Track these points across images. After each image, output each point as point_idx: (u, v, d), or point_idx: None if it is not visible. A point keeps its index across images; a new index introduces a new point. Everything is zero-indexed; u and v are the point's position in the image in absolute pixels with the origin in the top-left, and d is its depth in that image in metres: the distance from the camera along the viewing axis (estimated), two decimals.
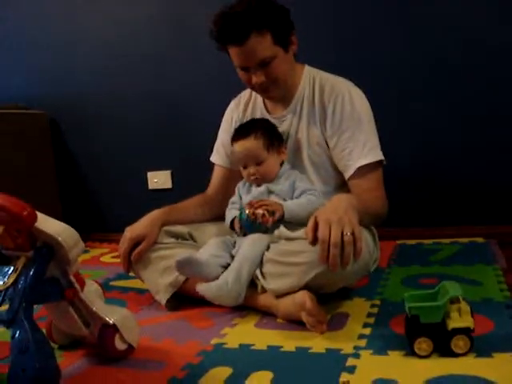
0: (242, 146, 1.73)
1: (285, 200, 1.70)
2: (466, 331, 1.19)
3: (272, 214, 1.61)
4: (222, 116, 2.04)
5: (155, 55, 2.88)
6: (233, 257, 1.65)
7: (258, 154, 1.71)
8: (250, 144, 1.71)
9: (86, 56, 3.02)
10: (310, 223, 1.38)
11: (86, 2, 2.98)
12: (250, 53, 1.64)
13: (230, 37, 1.65)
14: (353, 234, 1.33)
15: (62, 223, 1.22)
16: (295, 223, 1.63)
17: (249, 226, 1.64)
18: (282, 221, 1.64)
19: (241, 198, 1.81)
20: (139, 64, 2.91)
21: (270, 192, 1.73)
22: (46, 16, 3.08)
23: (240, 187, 1.83)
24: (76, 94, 3.07)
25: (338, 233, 1.32)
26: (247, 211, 1.62)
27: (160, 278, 1.72)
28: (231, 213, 1.78)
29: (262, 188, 1.74)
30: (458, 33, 2.34)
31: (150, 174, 2.98)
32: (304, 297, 1.44)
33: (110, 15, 2.95)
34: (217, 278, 1.60)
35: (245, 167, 1.76)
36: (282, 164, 1.78)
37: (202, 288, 1.59)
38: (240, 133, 1.76)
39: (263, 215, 1.61)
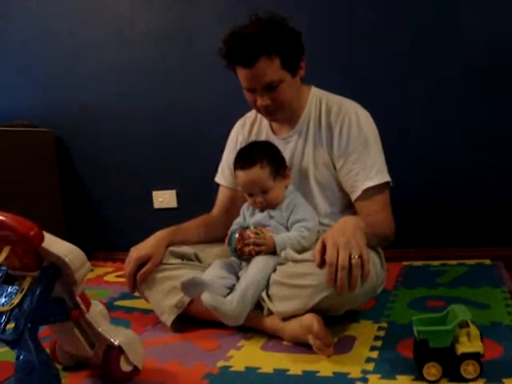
0: (247, 175, 1.69)
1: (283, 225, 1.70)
2: (475, 356, 1.18)
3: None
4: (228, 135, 2.03)
5: (160, 74, 2.89)
6: (238, 278, 1.64)
7: (264, 184, 1.68)
8: (256, 174, 1.68)
9: (91, 74, 3.03)
10: (318, 246, 1.37)
11: (91, 19, 3.01)
12: (257, 75, 1.64)
13: (238, 58, 1.65)
14: (360, 256, 1.33)
15: (69, 244, 1.22)
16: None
17: (233, 252, 1.69)
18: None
19: (245, 219, 1.80)
20: (145, 83, 2.93)
21: (270, 217, 1.71)
22: (51, 33, 3.10)
23: (245, 209, 1.82)
24: (81, 112, 3.07)
25: (345, 256, 1.31)
26: (236, 244, 1.65)
27: (165, 299, 1.71)
28: None
29: (264, 213, 1.72)
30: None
31: (155, 194, 2.98)
32: (311, 320, 1.42)
33: (116, 33, 2.96)
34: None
35: (250, 195, 1.74)
36: (287, 187, 1.76)
37: (207, 297, 1.56)
38: (244, 160, 1.71)
39: (249, 253, 1.63)
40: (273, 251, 1.63)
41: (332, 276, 1.32)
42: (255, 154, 1.71)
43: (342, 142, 1.73)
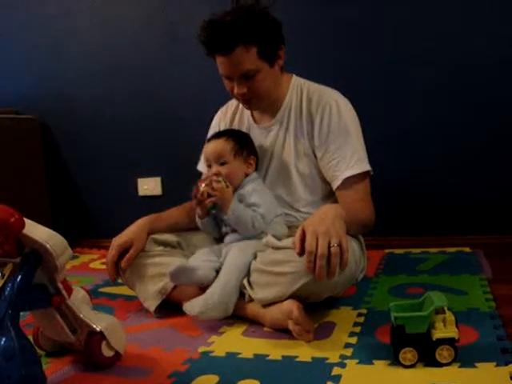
0: (212, 145, 1.75)
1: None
2: (450, 341, 1.20)
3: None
4: (211, 121, 2.04)
5: (146, 62, 2.89)
6: (221, 263, 1.65)
7: (222, 155, 1.72)
8: (219, 144, 1.74)
9: (76, 61, 3.02)
10: (298, 233, 1.39)
11: (76, 4, 2.99)
12: (234, 64, 1.65)
13: (216, 46, 1.66)
14: (340, 245, 1.34)
15: (50, 230, 1.22)
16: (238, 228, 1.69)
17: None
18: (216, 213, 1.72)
19: None
20: (130, 71, 2.93)
21: (239, 199, 1.73)
22: (35, 18, 3.09)
23: None
24: (67, 100, 3.07)
25: (324, 244, 1.33)
26: (194, 191, 1.69)
27: (149, 285, 1.72)
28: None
29: (235, 195, 1.74)
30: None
31: (140, 181, 2.99)
32: (291, 305, 1.45)
33: (101, 20, 2.96)
34: (210, 281, 1.60)
35: (209, 166, 1.77)
36: (247, 175, 1.77)
37: (187, 307, 1.57)
38: (214, 135, 1.79)
39: (202, 194, 1.67)
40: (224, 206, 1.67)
41: (311, 264, 1.34)
42: (226, 131, 1.79)
43: (323, 132, 1.75)
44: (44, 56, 3.09)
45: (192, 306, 1.57)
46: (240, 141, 1.75)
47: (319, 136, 1.75)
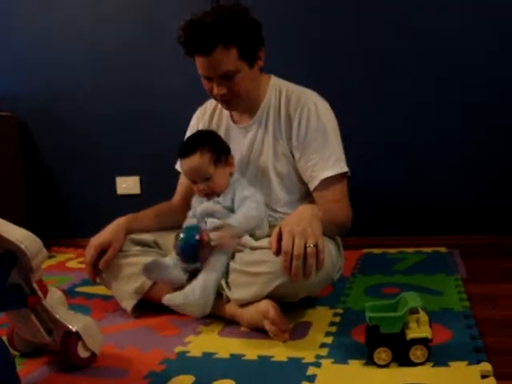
0: (188, 163, 1.71)
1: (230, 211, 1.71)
2: (423, 341, 1.22)
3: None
4: (189, 120, 2.03)
5: (124, 58, 2.88)
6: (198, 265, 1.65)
7: (204, 171, 1.69)
8: (197, 161, 1.69)
9: (55, 58, 2.99)
10: (274, 234, 1.40)
11: (54, 1, 2.96)
12: (213, 64, 1.64)
13: (195, 46, 1.65)
14: (316, 245, 1.35)
15: (25, 230, 1.21)
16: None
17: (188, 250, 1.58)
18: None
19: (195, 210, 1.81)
20: (110, 68, 2.91)
21: (216, 203, 1.72)
22: (13, 14, 3.04)
23: (194, 200, 1.82)
24: (45, 97, 3.04)
25: (301, 244, 1.34)
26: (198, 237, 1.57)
27: (125, 285, 1.72)
28: None
29: (210, 201, 1.73)
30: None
31: (118, 179, 2.97)
32: (267, 306, 1.46)
33: (83, 15, 2.92)
34: (181, 282, 1.61)
35: (194, 182, 1.75)
36: (231, 175, 1.77)
37: (168, 297, 1.58)
38: (186, 149, 1.72)
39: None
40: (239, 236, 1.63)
41: (287, 264, 1.34)
42: (196, 142, 1.73)
43: (301, 133, 1.75)
44: (21, 52, 3.05)
45: (173, 298, 1.57)
46: (214, 147, 1.72)
47: (297, 137, 1.76)
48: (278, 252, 1.37)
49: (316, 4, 2.55)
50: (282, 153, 1.80)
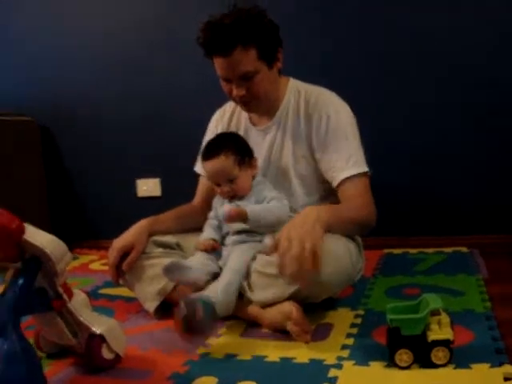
0: (212, 165, 1.70)
1: None
2: (445, 343, 1.22)
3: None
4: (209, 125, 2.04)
5: (145, 64, 2.90)
6: (220, 267, 1.67)
7: (229, 173, 1.69)
8: (221, 163, 1.68)
9: (75, 63, 3.03)
10: (277, 236, 1.40)
11: (76, 6, 2.99)
12: (233, 65, 1.65)
13: (214, 47, 1.66)
14: (313, 249, 1.33)
15: (50, 235, 1.23)
16: (264, 227, 1.65)
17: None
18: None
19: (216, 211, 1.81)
20: (129, 72, 2.94)
21: (237, 206, 1.70)
22: (35, 20, 3.08)
23: (215, 201, 1.83)
24: (66, 101, 3.08)
25: (297, 247, 1.33)
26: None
27: (148, 287, 1.74)
28: (207, 230, 1.80)
29: (232, 204, 1.72)
30: None
31: (139, 182, 3.00)
32: (290, 307, 1.47)
33: (100, 21, 2.96)
34: (202, 284, 1.62)
35: (218, 185, 1.74)
36: (254, 177, 1.77)
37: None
38: (210, 151, 1.72)
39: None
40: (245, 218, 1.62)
41: (283, 266, 1.34)
42: (220, 144, 1.73)
43: (321, 133, 1.75)
44: (43, 57, 3.09)
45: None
46: (238, 149, 1.72)
47: (317, 137, 1.76)
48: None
49: (317, 4, 2.56)
50: (302, 154, 1.80)
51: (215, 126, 2.00)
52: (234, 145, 1.72)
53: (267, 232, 1.65)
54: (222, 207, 1.75)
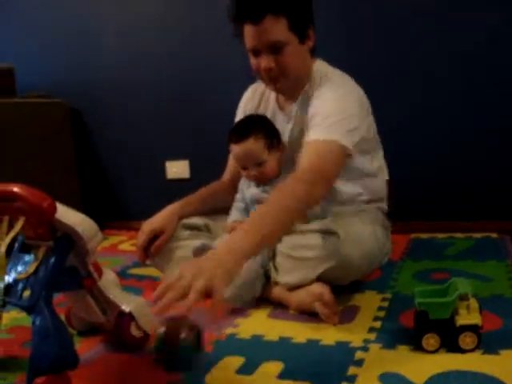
0: (241, 148, 1.68)
1: None
2: (473, 328, 1.21)
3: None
4: (237, 104, 2.02)
5: (173, 44, 2.91)
6: None
7: (258, 156, 1.68)
8: (250, 146, 1.67)
9: (105, 45, 3.05)
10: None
11: None
12: (262, 34, 1.59)
13: (245, 14, 1.61)
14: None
15: (82, 214, 1.25)
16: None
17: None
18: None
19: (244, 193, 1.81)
20: (157, 55, 2.94)
21: (264, 191, 1.71)
22: (66, 3, 3.11)
23: (241, 182, 1.83)
24: (96, 84, 3.11)
25: (182, 284, 1.09)
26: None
27: (176, 268, 1.75)
28: (233, 213, 1.80)
29: (260, 188, 1.72)
30: None
31: (168, 164, 3.02)
32: (321, 288, 1.47)
33: (129, 6, 2.97)
34: None
35: (244, 168, 1.73)
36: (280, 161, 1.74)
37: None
38: (238, 134, 1.70)
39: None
40: None
41: (157, 298, 1.12)
42: (249, 126, 1.70)
43: (316, 106, 1.64)
44: (74, 41, 3.11)
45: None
46: (267, 132, 1.69)
47: (313, 108, 1.65)
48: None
49: None
50: None
51: (245, 105, 1.96)
52: (263, 128, 1.71)
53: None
54: (248, 190, 1.76)
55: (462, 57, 2.37)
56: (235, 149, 1.72)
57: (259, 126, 1.72)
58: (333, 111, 1.59)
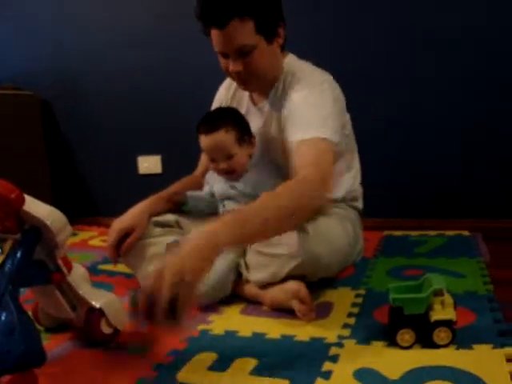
0: (211, 139, 1.65)
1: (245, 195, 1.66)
2: (448, 323, 1.21)
3: None
4: (210, 99, 1.99)
5: (146, 37, 2.87)
6: None
7: (228, 148, 1.65)
8: (221, 138, 1.64)
9: (78, 37, 3.00)
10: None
11: None
12: (229, 38, 1.55)
13: (210, 18, 1.57)
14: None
15: (50, 207, 1.22)
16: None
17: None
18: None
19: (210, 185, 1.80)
20: (130, 48, 2.90)
21: (232, 187, 1.70)
22: None
23: (208, 175, 1.80)
24: (67, 76, 3.05)
25: (164, 295, 1.06)
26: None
27: (148, 266, 1.72)
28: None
29: (228, 186, 1.71)
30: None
31: (140, 159, 2.98)
32: (298, 285, 1.46)
33: None
34: None
35: (213, 160, 1.70)
36: (251, 156, 1.73)
37: None
38: (209, 124, 1.66)
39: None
40: None
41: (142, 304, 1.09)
42: (220, 118, 1.67)
43: (291, 104, 1.62)
44: (44, 31, 3.06)
45: None
46: (239, 125, 1.67)
47: (285, 117, 1.64)
48: None
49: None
50: (284, 138, 1.64)
51: (220, 99, 1.93)
52: (234, 120, 1.68)
53: None
54: (216, 185, 1.74)
55: (450, 58, 2.38)
56: (205, 140, 1.67)
57: (230, 117, 1.69)
58: (312, 109, 1.56)
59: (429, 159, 2.47)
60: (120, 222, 1.74)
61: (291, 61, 1.75)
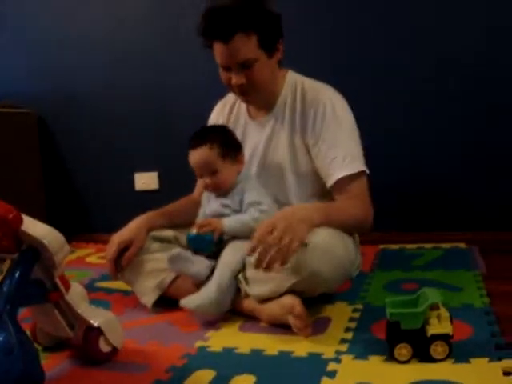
0: (196, 154, 1.69)
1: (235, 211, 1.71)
2: (444, 337, 1.22)
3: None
4: (207, 115, 2.02)
5: (143, 56, 2.89)
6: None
7: (212, 164, 1.67)
8: (205, 153, 1.67)
9: (74, 55, 3.01)
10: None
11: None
12: (232, 52, 1.62)
13: (215, 33, 1.63)
14: (289, 244, 1.37)
15: (48, 226, 1.22)
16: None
17: (196, 244, 1.68)
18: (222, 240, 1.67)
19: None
20: (128, 66, 2.92)
21: (224, 206, 1.72)
22: (34, 10, 3.06)
23: (203, 197, 1.82)
24: (64, 94, 3.07)
25: (276, 237, 1.37)
26: (195, 231, 1.67)
27: (146, 281, 1.73)
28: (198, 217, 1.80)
29: (218, 202, 1.73)
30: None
31: (137, 176, 2.99)
32: (293, 301, 1.46)
33: (100, 14, 2.94)
34: (203, 277, 1.63)
35: (200, 176, 1.74)
36: (239, 173, 1.75)
37: (184, 302, 1.58)
38: (195, 141, 1.71)
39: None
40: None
41: (253, 249, 1.39)
42: (206, 135, 1.71)
43: (316, 130, 1.72)
44: (41, 49, 3.08)
45: (189, 301, 1.57)
46: (224, 142, 1.70)
47: (312, 134, 1.73)
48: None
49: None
50: (298, 149, 1.76)
51: (216, 118, 1.98)
52: (220, 137, 1.71)
53: None
54: (208, 204, 1.75)
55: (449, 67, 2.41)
56: (191, 155, 1.71)
57: (216, 134, 1.72)
58: (344, 139, 1.71)
59: (424, 173, 2.49)
60: (119, 236, 1.75)
61: (293, 75, 1.83)
